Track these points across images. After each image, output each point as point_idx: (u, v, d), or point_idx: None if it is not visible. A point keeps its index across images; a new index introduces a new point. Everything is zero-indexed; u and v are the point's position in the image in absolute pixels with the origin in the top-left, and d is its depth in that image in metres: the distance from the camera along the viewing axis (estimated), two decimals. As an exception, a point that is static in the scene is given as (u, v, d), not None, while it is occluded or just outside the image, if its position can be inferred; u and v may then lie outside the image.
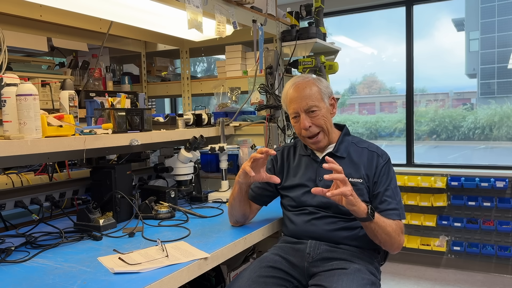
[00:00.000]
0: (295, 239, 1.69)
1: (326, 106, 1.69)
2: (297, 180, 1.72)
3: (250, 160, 1.59)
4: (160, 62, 3.13)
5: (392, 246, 1.57)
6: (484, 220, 3.78)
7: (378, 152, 1.70)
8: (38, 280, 1.18)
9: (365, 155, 1.68)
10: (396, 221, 1.57)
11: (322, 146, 1.70)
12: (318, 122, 1.66)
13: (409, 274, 3.85)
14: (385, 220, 1.53)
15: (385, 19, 5.28)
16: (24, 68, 2.10)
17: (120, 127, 1.75)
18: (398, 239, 1.56)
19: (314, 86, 1.68)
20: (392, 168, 1.69)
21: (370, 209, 1.46)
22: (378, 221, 1.49)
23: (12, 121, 1.39)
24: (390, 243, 1.55)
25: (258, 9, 2.38)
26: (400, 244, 1.58)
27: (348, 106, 6.13)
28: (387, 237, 1.53)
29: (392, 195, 1.61)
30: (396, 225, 1.56)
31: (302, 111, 1.66)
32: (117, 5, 1.87)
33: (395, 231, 1.54)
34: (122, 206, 1.82)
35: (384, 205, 1.58)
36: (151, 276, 1.18)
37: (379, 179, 1.63)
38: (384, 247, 1.59)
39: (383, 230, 1.51)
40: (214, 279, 2.04)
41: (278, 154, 1.84)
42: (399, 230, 1.57)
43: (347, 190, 1.39)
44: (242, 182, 1.66)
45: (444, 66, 5.66)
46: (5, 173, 1.94)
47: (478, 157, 5.78)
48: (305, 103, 1.65)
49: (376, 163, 1.66)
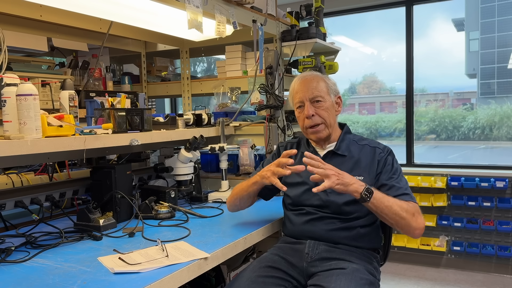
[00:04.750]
0: (294, 239, 1.69)
1: (331, 101, 1.72)
2: (298, 178, 1.72)
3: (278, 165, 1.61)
4: (160, 62, 3.13)
5: (410, 227, 1.53)
6: (484, 220, 3.78)
7: (379, 146, 1.71)
8: (38, 280, 1.19)
9: (367, 152, 1.69)
10: (408, 202, 1.55)
11: (322, 137, 1.71)
12: (321, 113, 1.68)
13: (409, 274, 3.85)
14: (392, 200, 1.52)
15: (385, 19, 5.28)
16: (24, 68, 2.10)
17: (120, 127, 1.75)
18: (414, 219, 1.52)
19: (321, 81, 1.72)
20: (395, 159, 1.69)
21: (365, 191, 1.46)
22: (379, 202, 1.48)
23: (12, 121, 1.39)
24: (404, 223, 1.52)
25: (258, 9, 2.38)
26: (419, 225, 1.54)
27: (348, 106, 6.12)
28: (396, 217, 1.50)
29: (398, 182, 1.61)
30: (408, 205, 1.53)
31: (307, 100, 1.69)
32: (117, 5, 1.87)
33: (406, 211, 1.51)
34: (122, 206, 1.82)
35: (392, 192, 1.58)
36: (151, 276, 1.18)
37: (383, 170, 1.64)
38: (401, 229, 1.55)
39: (388, 209, 1.49)
40: (214, 279, 2.04)
41: (282, 150, 1.85)
42: (412, 210, 1.53)
43: (331, 183, 1.44)
44: (261, 183, 1.68)
45: (444, 66, 5.66)
46: (5, 173, 1.94)
47: (478, 157, 5.77)
48: (310, 92, 1.69)
49: (378, 157, 1.67)
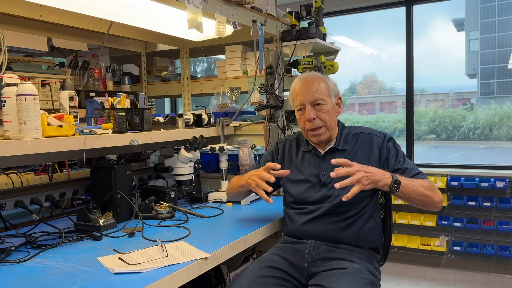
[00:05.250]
0: (295, 238, 1.69)
1: (332, 103, 1.71)
2: (300, 176, 1.73)
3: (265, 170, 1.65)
4: (160, 62, 3.13)
5: (434, 203, 1.60)
6: (484, 220, 3.78)
7: (375, 133, 1.73)
8: (38, 280, 1.18)
9: (363, 140, 1.71)
10: (424, 180, 1.60)
11: (323, 140, 1.71)
12: (322, 116, 1.68)
13: (409, 274, 3.85)
14: (414, 182, 1.56)
15: (385, 19, 5.28)
16: (24, 68, 2.10)
17: (120, 127, 1.75)
18: (436, 194, 1.59)
19: (322, 82, 1.71)
20: (395, 142, 1.72)
21: (393, 183, 1.50)
22: (406, 188, 1.52)
23: (12, 121, 1.39)
24: (430, 201, 1.59)
25: (258, 9, 2.38)
26: (440, 198, 1.61)
27: (348, 106, 6.12)
28: (423, 197, 1.57)
29: (407, 164, 1.66)
30: (427, 183, 1.59)
31: (308, 103, 1.68)
32: (117, 5, 1.87)
33: (429, 189, 1.58)
34: (122, 206, 1.82)
35: (406, 174, 1.61)
36: (151, 276, 1.18)
37: (388, 156, 1.67)
38: (426, 207, 1.61)
39: (416, 193, 1.55)
40: (214, 279, 2.04)
41: (280, 146, 1.86)
42: (432, 186, 1.60)
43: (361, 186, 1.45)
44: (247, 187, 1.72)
45: (444, 66, 5.66)
46: (5, 173, 1.94)
47: (478, 157, 5.77)
48: (311, 95, 1.68)
49: (377, 143, 1.69)
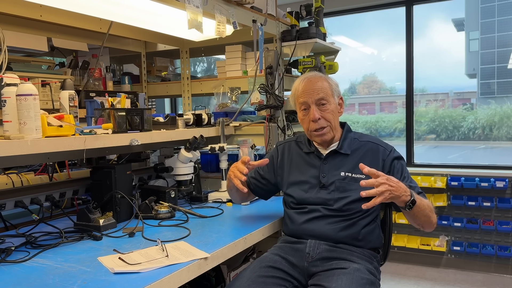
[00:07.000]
0: (295, 238, 1.69)
1: (335, 103, 1.72)
2: (301, 177, 1.73)
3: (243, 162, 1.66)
4: (160, 62, 3.13)
5: (431, 224, 1.60)
6: (484, 220, 3.78)
7: (382, 144, 1.72)
8: (38, 280, 1.18)
9: (368, 149, 1.70)
10: (428, 200, 1.61)
11: (327, 139, 1.71)
12: (327, 116, 1.68)
13: (409, 274, 3.85)
14: (424, 202, 1.55)
15: (385, 19, 5.28)
16: (24, 68, 2.10)
17: (120, 127, 1.75)
18: (434, 216, 1.61)
19: (325, 81, 1.71)
20: (401, 156, 1.71)
21: (410, 202, 1.48)
22: (417, 208, 1.51)
23: (12, 121, 1.39)
24: (429, 222, 1.59)
25: (258, 9, 2.38)
26: (436, 220, 1.62)
27: (348, 106, 6.12)
28: (426, 218, 1.57)
29: (411, 181, 1.65)
30: (430, 204, 1.60)
31: (313, 103, 1.68)
32: (117, 5, 1.87)
33: (431, 210, 1.59)
34: (122, 206, 1.82)
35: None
36: (151, 276, 1.18)
37: (393, 171, 1.66)
38: (423, 227, 1.61)
39: (422, 213, 1.55)
40: (214, 279, 2.04)
41: (279, 150, 1.86)
42: (432, 207, 1.61)
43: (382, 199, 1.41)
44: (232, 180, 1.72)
45: (444, 66, 5.66)
46: (5, 173, 1.94)
47: (478, 157, 5.78)
48: (316, 94, 1.68)
49: (383, 156, 1.68)
